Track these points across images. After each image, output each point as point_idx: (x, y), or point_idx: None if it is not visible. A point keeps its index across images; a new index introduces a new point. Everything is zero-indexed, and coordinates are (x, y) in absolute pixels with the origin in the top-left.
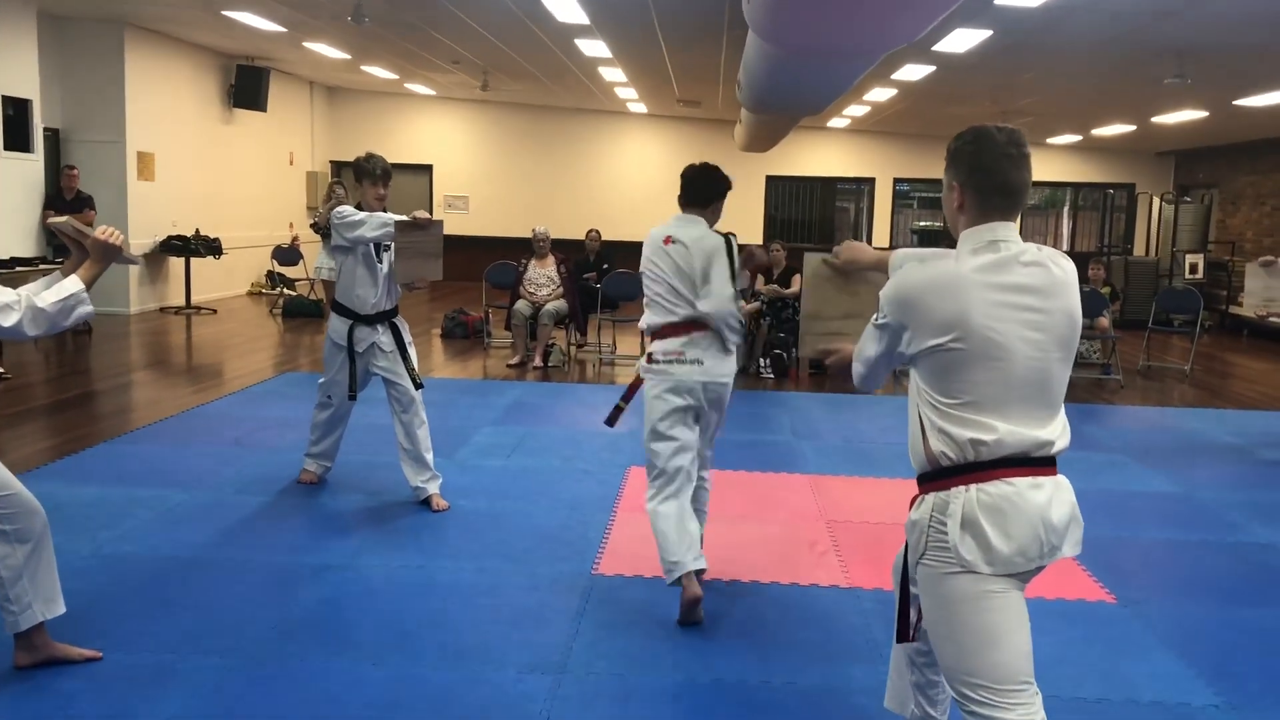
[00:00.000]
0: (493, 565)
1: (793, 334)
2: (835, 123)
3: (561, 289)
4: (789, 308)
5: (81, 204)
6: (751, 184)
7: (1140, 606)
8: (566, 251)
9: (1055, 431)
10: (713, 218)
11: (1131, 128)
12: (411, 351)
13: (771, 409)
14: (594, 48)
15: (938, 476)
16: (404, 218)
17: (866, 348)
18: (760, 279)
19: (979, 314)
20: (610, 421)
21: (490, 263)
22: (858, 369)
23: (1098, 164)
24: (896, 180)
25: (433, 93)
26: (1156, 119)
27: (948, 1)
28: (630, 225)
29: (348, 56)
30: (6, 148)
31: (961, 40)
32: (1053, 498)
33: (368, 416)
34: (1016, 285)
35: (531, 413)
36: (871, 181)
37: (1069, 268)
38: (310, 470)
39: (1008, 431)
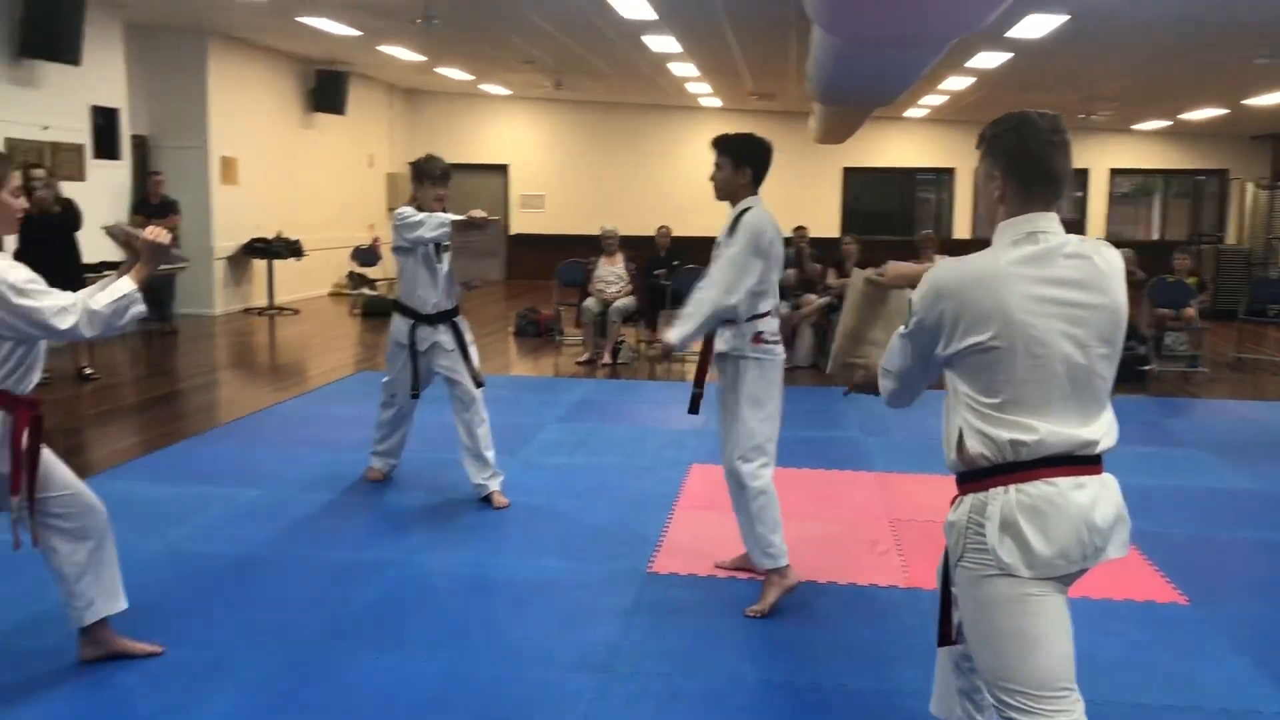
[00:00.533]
0: (548, 563)
1: None
2: (912, 113)
3: (630, 286)
4: None
5: (166, 209)
6: (828, 176)
7: (1214, 608)
8: (638, 248)
9: (1100, 430)
10: None
11: (1223, 111)
12: (472, 351)
13: (840, 405)
14: (663, 43)
15: (976, 477)
16: (461, 217)
17: (894, 360)
18: (831, 273)
19: (1019, 309)
20: (694, 409)
21: (565, 261)
22: (887, 385)
23: (1188, 150)
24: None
25: (508, 92)
26: (1249, 101)
27: None
28: (702, 220)
29: (423, 59)
30: (96, 155)
31: (1036, 26)
32: (1097, 497)
33: (438, 414)
34: (1058, 279)
35: (598, 410)
36: (952, 172)
37: (1113, 258)
38: (376, 468)
39: (1049, 431)
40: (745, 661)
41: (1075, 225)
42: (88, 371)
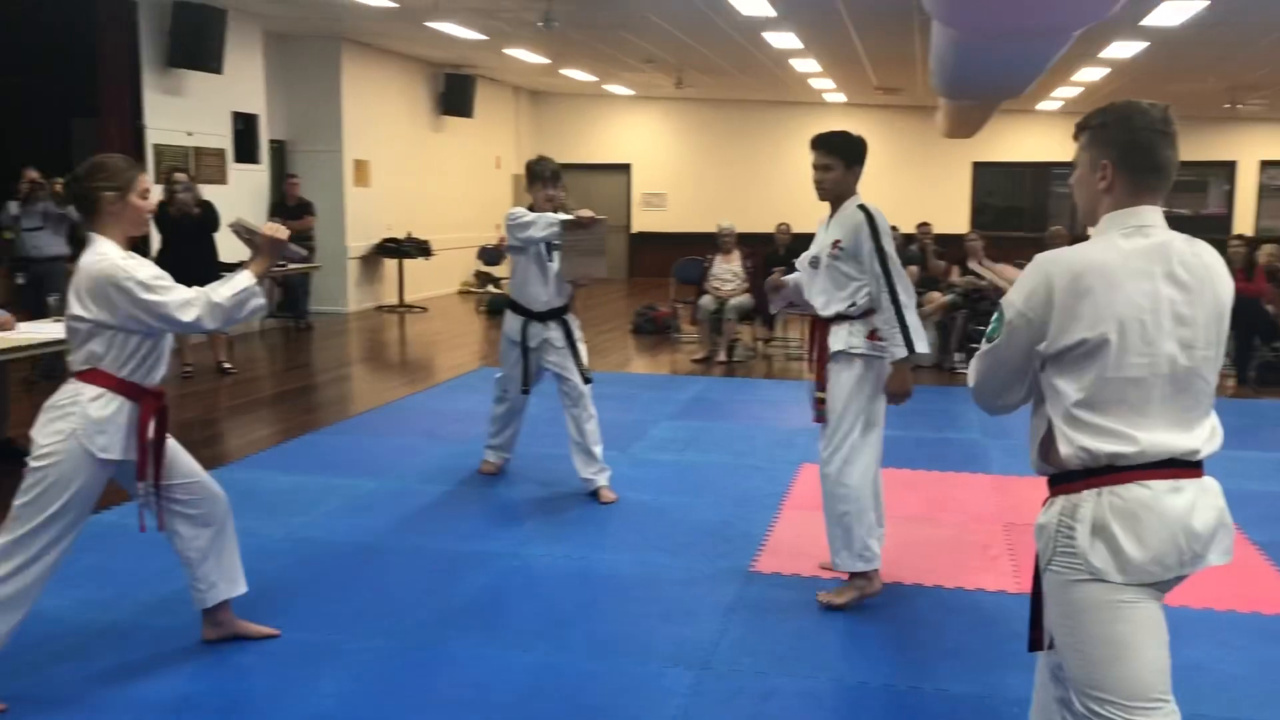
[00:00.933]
0: (651, 558)
1: None
2: (1045, 105)
3: (747, 284)
4: (985, 299)
5: (302, 210)
6: (957, 171)
7: None
8: (758, 245)
9: (1201, 437)
10: None
11: None
12: (581, 348)
13: (962, 405)
14: (783, 39)
15: (1067, 479)
16: (569, 217)
17: (988, 367)
18: (955, 270)
19: (1132, 303)
20: (820, 417)
21: (683, 258)
22: (986, 397)
23: None
24: None
25: (630, 92)
26: None
27: None
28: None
29: (547, 61)
30: (236, 160)
31: (1173, 13)
32: (1195, 503)
33: (552, 409)
34: (1168, 275)
35: (710, 408)
36: None
37: (1217, 258)
38: (490, 461)
39: (1149, 440)
40: (844, 662)
41: (1222, 220)
42: (226, 366)
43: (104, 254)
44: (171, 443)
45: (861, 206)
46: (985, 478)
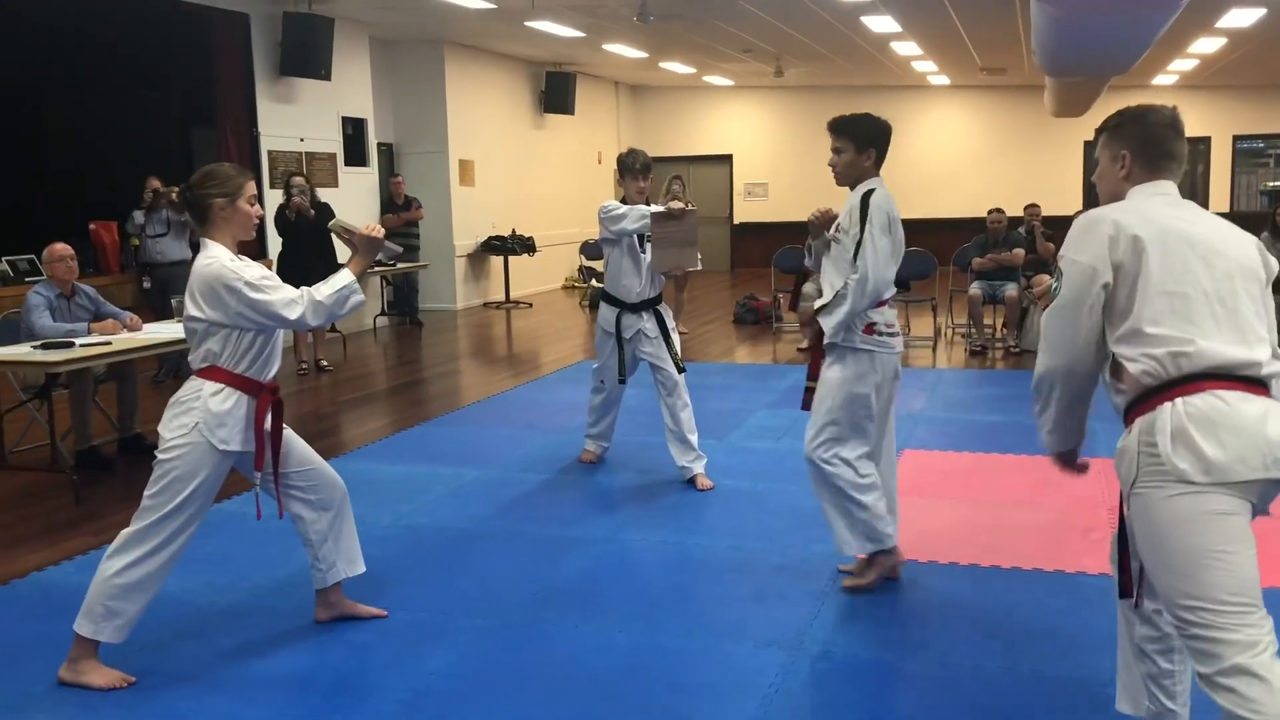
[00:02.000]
0: (746, 543)
1: None
2: (1160, 80)
3: None
4: None
5: (409, 204)
6: (1067, 150)
7: None
8: None
9: (1263, 353)
10: None
11: None
12: (675, 338)
13: None
14: (882, 23)
15: (1141, 400)
16: (660, 209)
17: (1062, 331)
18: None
19: (1165, 234)
20: (807, 405)
21: (783, 248)
22: (1058, 361)
23: None
24: (1237, 138)
25: (730, 83)
26: None
27: None
28: (931, 201)
29: (645, 55)
30: (346, 163)
31: None
32: (1269, 413)
33: (649, 399)
34: (1193, 219)
35: None
36: (1207, 141)
37: (1235, 228)
38: (590, 450)
39: (1205, 345)
40: (937, 644)
41: None
42: (323, 363)
43: (214, 257)
44: (288, 433)
45: (870, 191)
46: (1092, 461)
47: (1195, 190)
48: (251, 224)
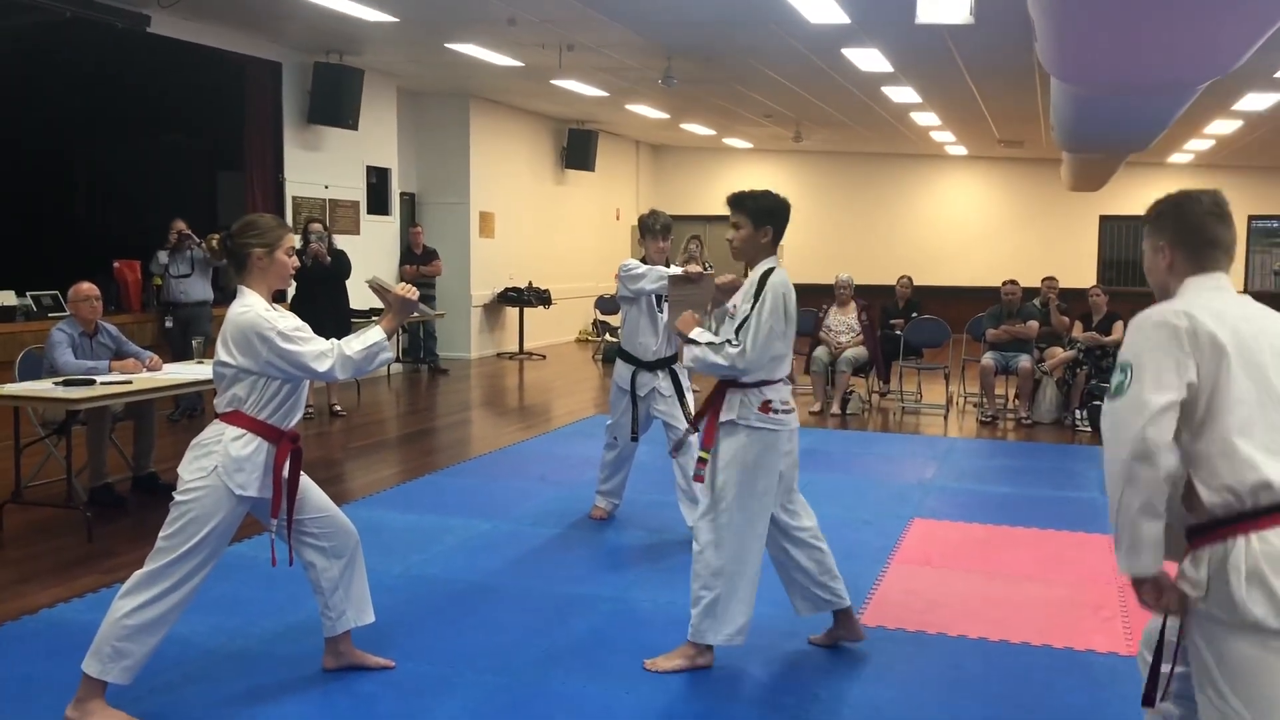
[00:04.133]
0: (756, 608)
1: None
2: (1176, 158)
3: (861, 336)
4: (1109, 356)
5: (428, 256)
6: (1083, 224)
7: None
8: (879, 297)
9: None
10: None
11: None
12: (689, 397)
13: (1082, 464)
14: (902, 94)
15: (1213, 528)
16: (679, 271)
17: (1129, 423)
18: (1078, 325)
19: (1239, 335)
20: (699, 476)
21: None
22: (1164, 466)
23: None
24: (1252, 218)
25: (749, 145)
26: None
27: (1249, 37)
28: (945, 270)
29: (667, 116)
30: (369, 211)
31: None
32: None
33: (661, 457)
34: (1259, 313)
35: (822, 460)
36: None
37: None
38: (600, 506)
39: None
40: (944, 718)
41: None
42: (336, 408)
43: (249, 305)
44: (305, 479)
45: (769, 271)
46: (1103, 538)
47: None
48: (289, 275)
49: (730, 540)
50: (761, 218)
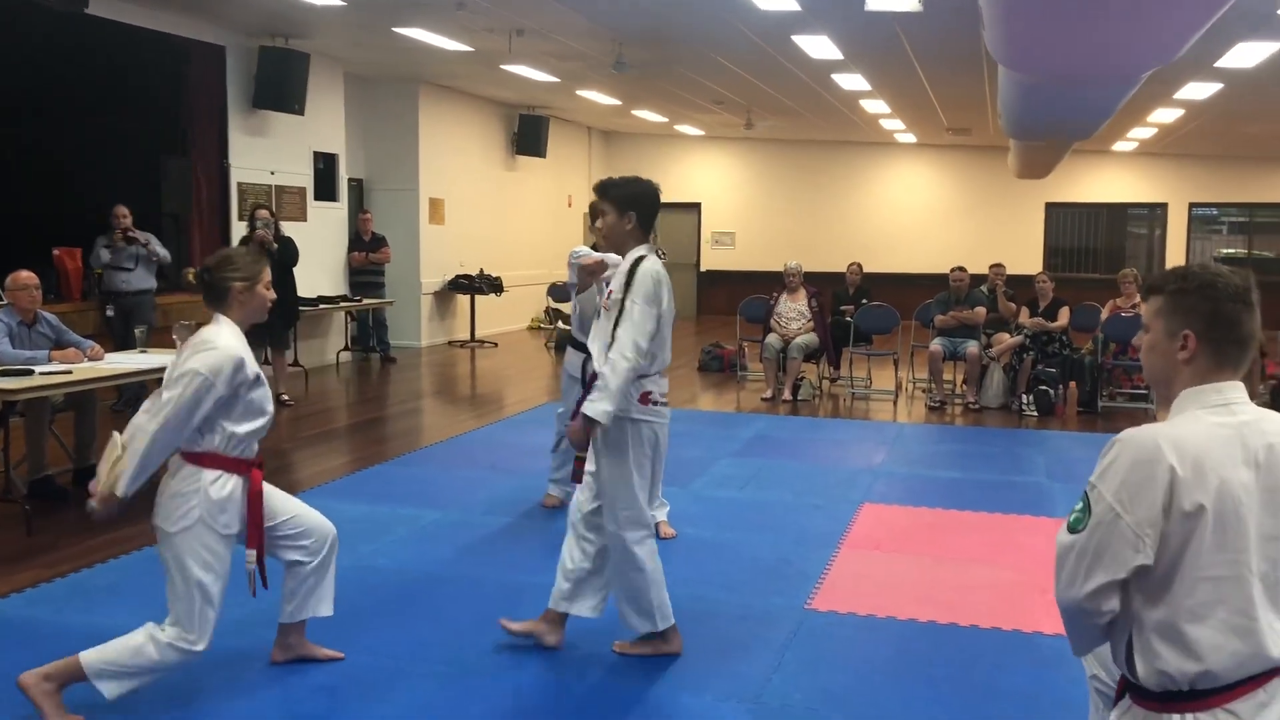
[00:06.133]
0: (708, 593)
1: (1060, 368)
2: (1120, 146)
3: (812, 323)
4: (1055, 341)
5: (377, 243)
6: (1029, 211)
7: None
8: (829, 284)
9: None
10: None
11: None
12: None
13: (1027, 449)
14: (852, 81)
15: (1146, 696)
16: (586, 260)
17: (1074, 573)
18: (1025, 311)
19: (1224, 495)
20: (577, 478)
21: (749, 297)
22: (1067, 598)
23: None
24: (1193, 205)
25: (701, 132)
26: None
27: (1191, 27)
28: (895, 257)
29: (618, 102)
30: (316, 198)
31: (1248, 54)
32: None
33: None
34: (1258, 462)
35: (773, 446)
36: (1164, 207)
37: None
38: (553, 495)
39: (1233, 652)
40: (894, 702)
41: None
42: (284, 398)
43: (211, 342)
44: (268, 488)
45: (640, 259)
46: (1050, 521)
47: (1152, 256)
48: (266, 308)
49: (648, 544)
50: (625, 204)
